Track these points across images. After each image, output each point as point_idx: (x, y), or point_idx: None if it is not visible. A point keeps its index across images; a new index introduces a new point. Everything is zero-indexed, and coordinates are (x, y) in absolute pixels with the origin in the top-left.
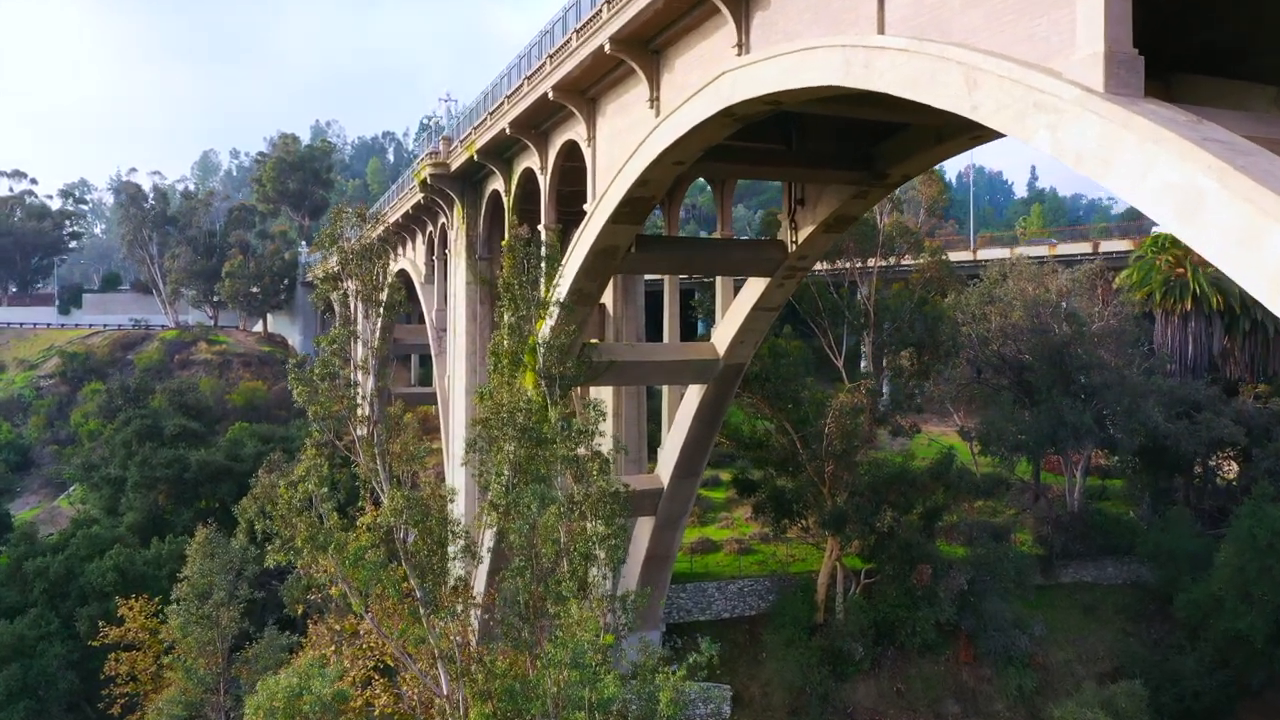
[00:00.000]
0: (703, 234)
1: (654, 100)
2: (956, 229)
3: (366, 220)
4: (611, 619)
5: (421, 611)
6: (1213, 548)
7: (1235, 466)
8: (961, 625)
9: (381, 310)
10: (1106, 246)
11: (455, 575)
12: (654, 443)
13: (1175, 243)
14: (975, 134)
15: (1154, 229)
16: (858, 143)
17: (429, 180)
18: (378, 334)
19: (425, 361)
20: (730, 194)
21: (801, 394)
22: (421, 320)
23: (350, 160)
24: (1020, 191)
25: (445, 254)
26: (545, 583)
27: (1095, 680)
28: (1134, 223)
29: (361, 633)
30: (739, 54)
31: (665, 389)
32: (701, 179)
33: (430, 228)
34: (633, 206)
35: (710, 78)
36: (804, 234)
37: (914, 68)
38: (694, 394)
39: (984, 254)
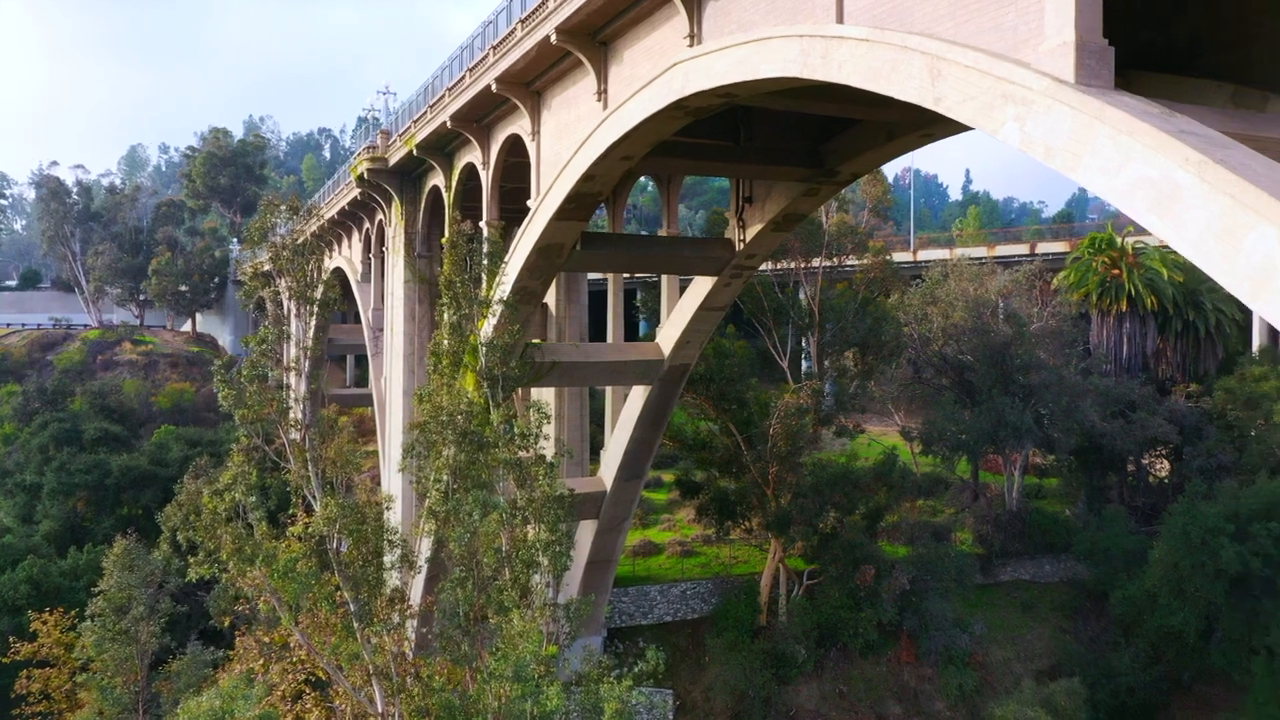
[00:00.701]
0: (643, 234)
1: (601, 93)
2: (894, 230)
3: (300, 213)
4: (554, 628)
5: (356, 625)
6: (1147, 545)
7: (1167, 465)
8: (903, 625)
9: (315, 309)
10: (1043, 248)
11: (391, 586)
12: (596, 445)
13: (1111, 244)
14: (926, 131)
15: (1089, 231)
16: (808, 139)
17: (366, 175)
18: (311, 334)
19: (361, 362)
20: (677, 191)
21: (746, 395)
22: (357, 320)
23: (285, 157)
24: (955, 194)
25: (383, 251)
26: (486, 592)
27: (1033, 678)
28: (1065, 225)
29: (292, 645)
30: (690, 45)
31: (609, 390)
32: (643, 178)
33: (367, 224)
34: (579, 203)
35: (660, 70)
36: (752, 232)
37: (875, 58)
38: (638, 395)
39: (924, 255)
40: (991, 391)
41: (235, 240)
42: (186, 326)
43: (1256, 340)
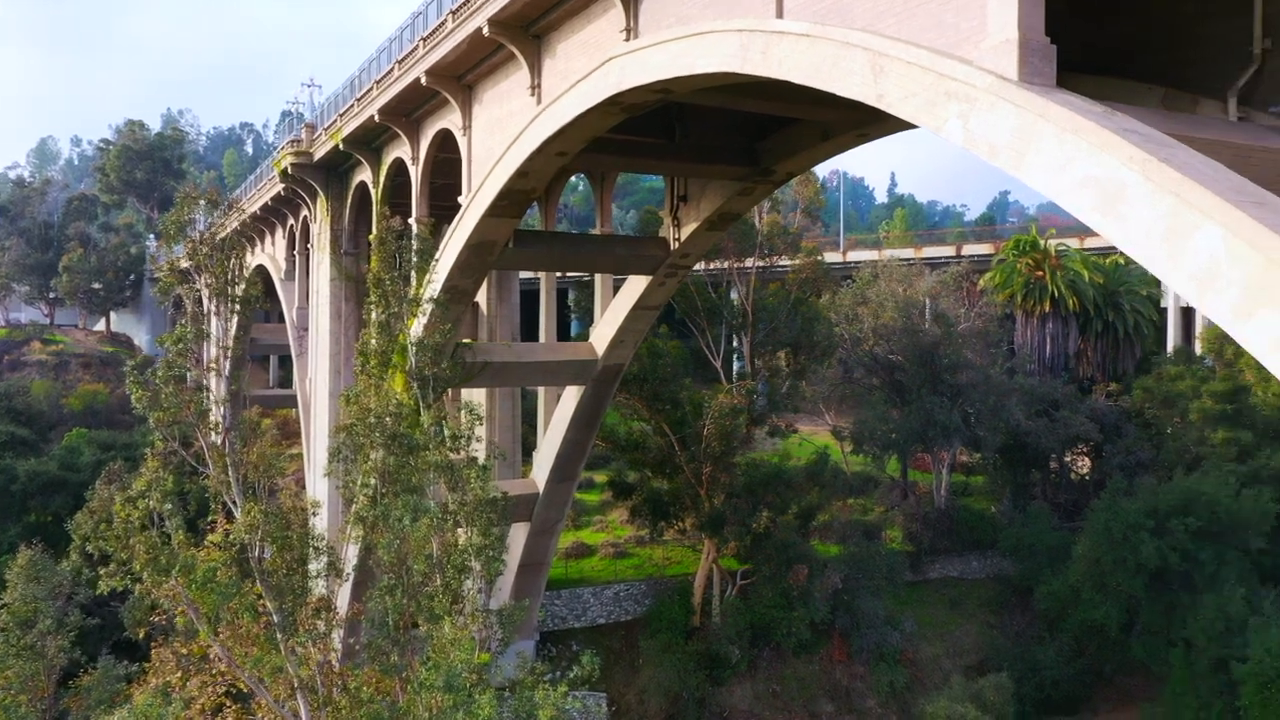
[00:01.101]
0: (577, 233)
1: (535, 87)
2: (823, 231)
3: (220, 207)
4: (487, 634)
5: (279, 636)
6: (1070, 541)
7: (1088, 462)
8: (835, 624)
9: (237, 307)
10: (968, 250)
11: (317, 594)
12: (528, 446)
13: (1035, 246)
14: (862, 131)
15: (1010, 234)
16: (743, 138)
17: (290, 170)
18: (232, 333)
19: (285, 363)
20: (610, 189)
21: (680, 395)
22: (281, 319)
23: (205, 152)
24: (881, 197)
25: (307, 249)
26: (417, 599)
27: (962, 673)
28: (988, 228)
29: (212, 656)
30: (627, 39)
31: (541, 390)
32: (573, 177)
33: (291, 221)
34: (511, 199)
35: (596, 64)
36: (687, 231)
37: (816, 54)
38: (571, 395)
39: (853, 255)
40: (921, 391)
41: (152, 237)
42: (100, 326)
43: (1171, 341)
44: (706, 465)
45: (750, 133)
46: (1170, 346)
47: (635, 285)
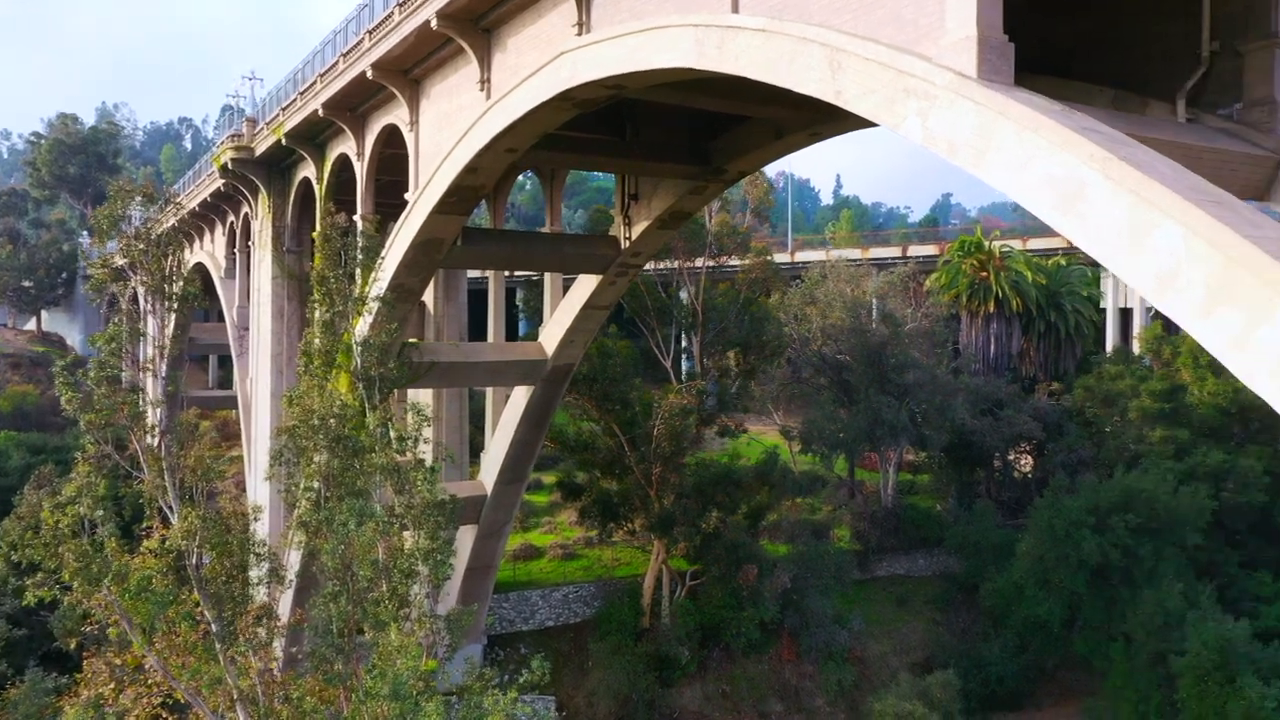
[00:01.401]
0: (526, 231)
1: (485, 82)
2: (770, 232)
3: (157, 202)
4: (435, 640)
5: (218, 646)
6: (1014, 538)
7: (1030, 460)
8: (785, 623)
9: (174, 305)
10: (914, 251)
11: (259, 601)
12: (476, 447)
13: (979, 248)
14: (814, 131)
15: (953, 235)
16: (695, 136)
17: (230, 165)
18: (169, 332)
19: (225, 363)
20: (560, 186)
21: (630, 395)
22: (221, 318)
23: (142, 147)
24: (826, 198)
25: (248, 246)
26: (362, 605)
27: (909, 670)
28: (931, 229)
29: (147, 667)
30: (579, 34)
31: (489, 391)
32: (521, 176)
33: (232, 218)
34: (460, 196)
35: (547, 59)
36: (638, 230)
37: (772, 50)
38: (520, 396)
39: (801, 256)
40: (869, 391)
41: (86, 233)
42: (31, 325)
43: (1110, 341)
44: (656, 465)
45: (702, 131)
46: (1109, 346)
47: (585, 284)
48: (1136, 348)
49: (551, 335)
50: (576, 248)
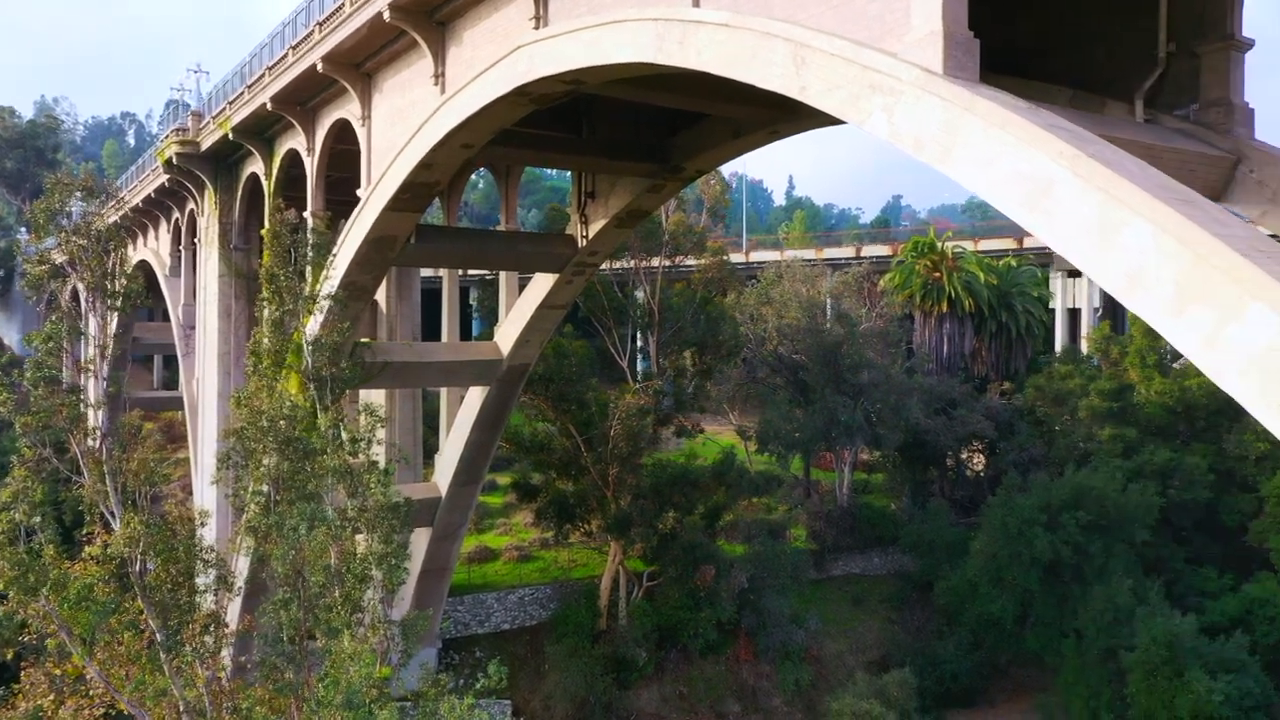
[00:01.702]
0: (482, 228)
1: (439, 76)
2: (724, 232)
3: (96, 194)
4: (389, 646)
5: (163, 657)
6: (967, 537)
7: (983, 459)
8: (742, 624)
9: (116, 304)
10: (868, 251)
11: (206, 610)
12: (430, 448)
13: (932, 248)
14: (773, 129)
15: (902, 236)
16: (654, 134)
17: (175, 160)
18: (111, 331)
19: (171, 363)
20: (516, 184)
21: (587, 395)
22: (166, 317)
23: (83, 142)
24: (779, 199)
25: (194, 244)
26: (314, 612)
27: (864, 669)
28: (883, 230)
29: (89, 678)
30: (536, 27)
31: (444, 391)
32: (475, 175)
33: (177, 214)
34: (413, 192)
35: (504, 53)
36: (595, 228)
37: (736, 45)
38: (475, 396)
39: (755, 256)
40: (825, 390)
41: (24, 229)
42: None
43: (1059, 341)
44: (613, 466)
45: (660, 129)
46: (1058, 346)
47: (542, 283)
48: (1085, 348)
49: (507, 335)
50: (533, 246)
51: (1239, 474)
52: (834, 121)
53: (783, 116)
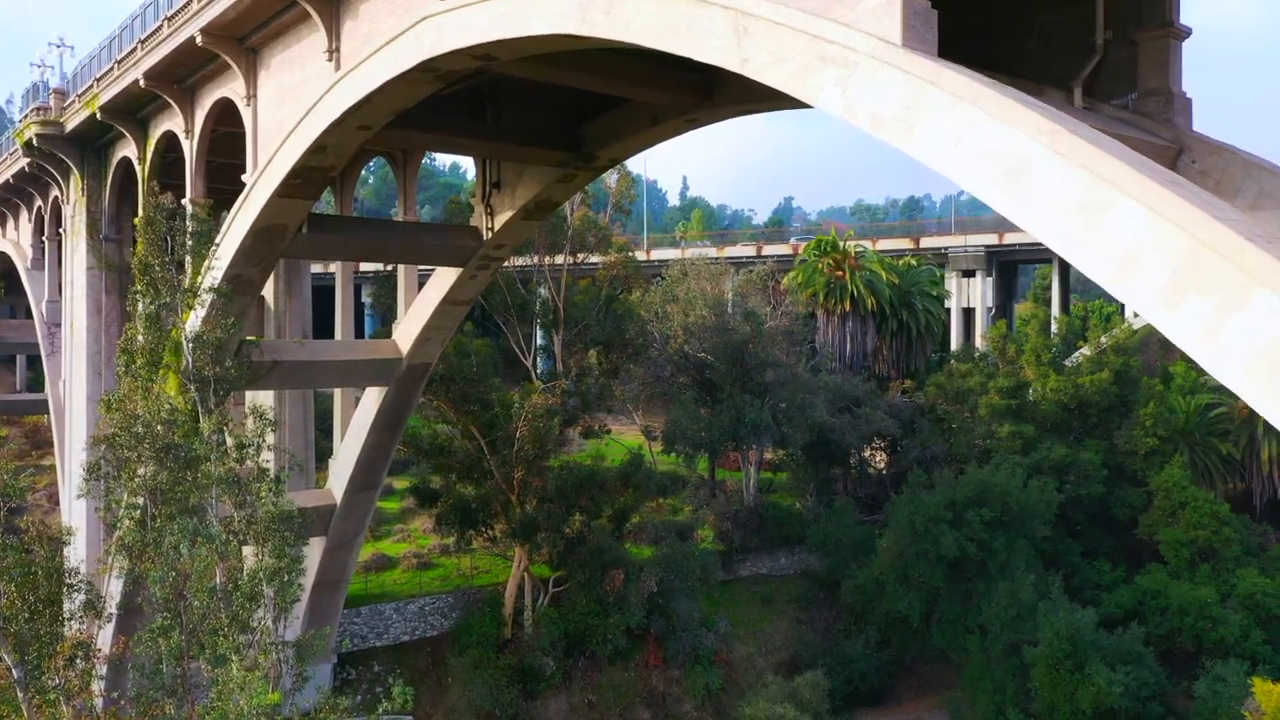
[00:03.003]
0: (379, 218)
1: (333, 51)
2: (622, 230)
3: None
4: (281, 669)
5: (20, 696)
6: (872, 534)
7: (884, 456)
8: (651, 628)
9: None
10: (769, 250)
11: (71, 638)
12: (323, 452)
13: (835, 247)
14: (691, 117)
15: (794, 236)
16: (564, 121)
17: (35, 142)
18: None
19: (36, 363)
20: (415, 172)
21: (490, 395)
22: (29, 314)
23: None
24: (674, 200)
25: (60, 234)
26: (198, 639)
27: (774, 670)
28: (778, 230)
29: None
30: None
31: (338, 392)
32: (364, 170)
33: (39, 202)
34: (305, 178)
35: (407, 25)
36: (501, 219)
37: (669, 13)
38: (372, 397)
39: (656, 254)
40: (732, 389)
41: None
42: None
43: (955, 340)
44: (518, 469)
45: (571, 117)
46: (954, 345)
47: (444, 278)
48: (982, 346)
49: (407, 332)
50: (435, 238)
51: (1129, 469)
52: (753, 109)
53: (703, 103)
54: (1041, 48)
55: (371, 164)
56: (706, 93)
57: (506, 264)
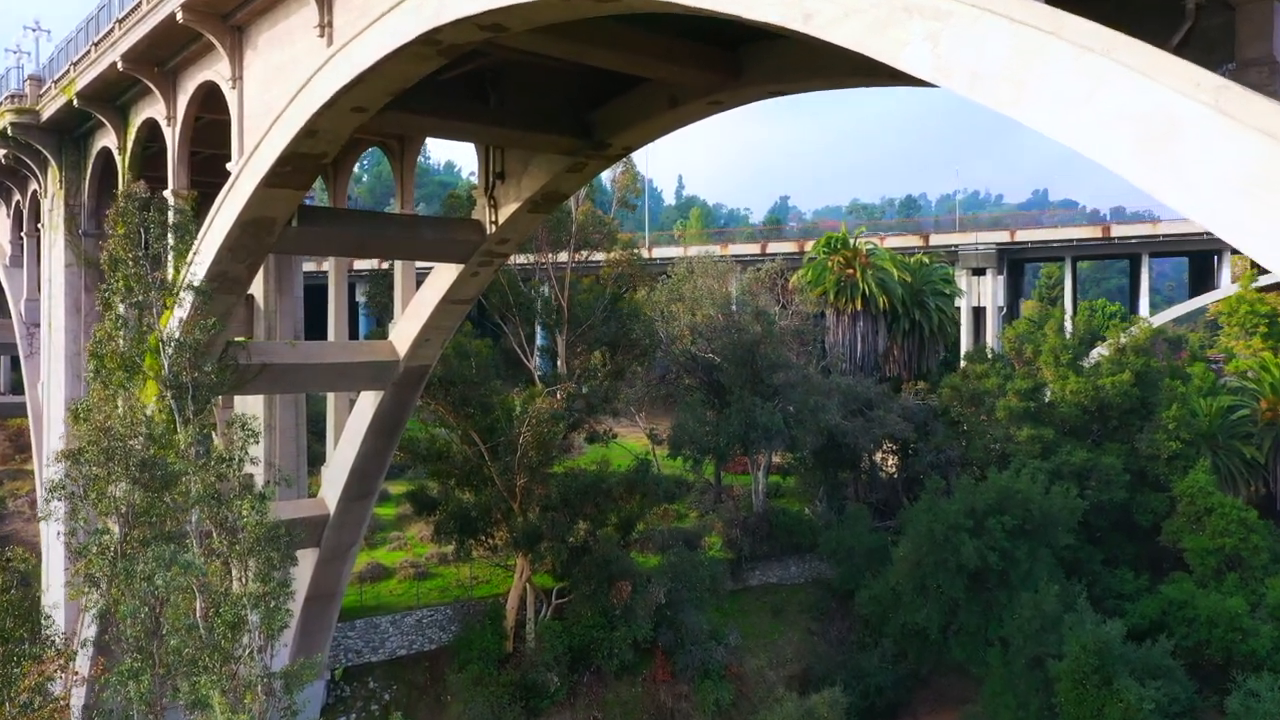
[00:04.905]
0: (375, 211)
1: (325, 25)
2: (622, 228)
3: None
4: (268, 706)
5: None
6: (885, 542)
7: (896, 461)
8: (658, 641)
9: None
10: (773, 248)
11: (40, 679)
12: (316, 458)
13: (845, 244)
14: (715, 98)
15: (792, 234)
16: (574, 106)
17: (10, 132)
18: None
19: (18, 364)
20: (413, 162)
21: (491, 399)
22: (7, 313)
23: None
24: (670, 199)
25: (38, 229)
26: (173, 679)
27: (787, 684)
28: (775, 227)
29: None
30: None
31: (331, 396)
32: (357, 167)
33: (17, 196)
34: (295, 166)
35: None
36: (506, 212)
37: None
38: (368, 401)
39: (659, 253)
40: (742, 391)
41: None
42: None
43: (965, 341)
44: (521, 475)
45: (580, 102)
46: (964, 345)
47: (444, 275)
48: (995, 346)
49: (405, 333)
50: (436, 232)
51: (1151, 473)
52: (783, 90)
53: (728, 82)
54: (1119, 11)
55: (365, 161)
56: (733, 70)
57: (506, 262)
